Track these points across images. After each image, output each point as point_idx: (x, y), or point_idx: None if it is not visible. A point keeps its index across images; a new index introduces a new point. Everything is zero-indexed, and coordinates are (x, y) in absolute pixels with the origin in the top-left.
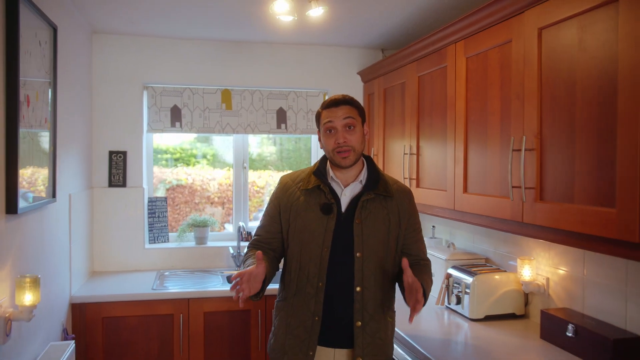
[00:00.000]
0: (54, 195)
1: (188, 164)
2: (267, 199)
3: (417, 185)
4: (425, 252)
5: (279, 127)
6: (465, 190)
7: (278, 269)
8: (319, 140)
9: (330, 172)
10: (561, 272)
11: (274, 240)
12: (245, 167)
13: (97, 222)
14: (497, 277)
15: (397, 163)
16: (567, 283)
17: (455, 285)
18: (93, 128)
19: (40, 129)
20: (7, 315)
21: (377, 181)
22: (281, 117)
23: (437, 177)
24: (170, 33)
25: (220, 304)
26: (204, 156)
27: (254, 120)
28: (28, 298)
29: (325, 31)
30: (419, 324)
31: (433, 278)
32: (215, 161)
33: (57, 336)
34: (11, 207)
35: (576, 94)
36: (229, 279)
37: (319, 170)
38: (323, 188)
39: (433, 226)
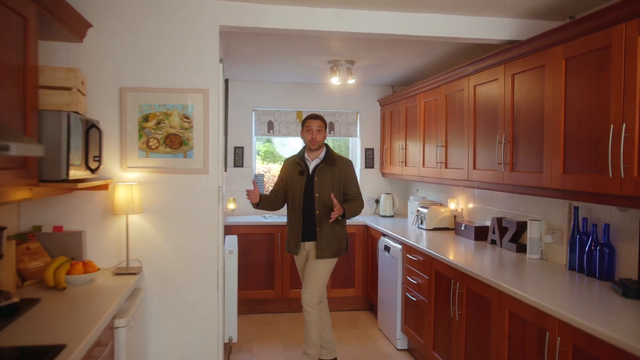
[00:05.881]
0: (225, 170)
1: None
2: None
3: (406, 165)
4: (356, 192)
5: (329, 133)
6: (423, 165)
7: (282, 206)
8: (301, 135)
9: (305, 154)
10: (470, 205)
11: (280, 190)
12: None
13: (228, 187)
14: (441, 210)
15: (395, 153)
16: (470, 209)
17: (421, 215)
18: (227, 133)
19: (224, 136)
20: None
21: (328, 157)
22: (331, 127)
23: (414, 160)
24: (268, 79)
25: None
26: (258, 152)
27: None
28: (232, 206)
29: (357, 76)
30: (405, 232)
31: (419, 213)
32: (266, 157)
33: None
34: (225, 169)
35: (455, 120)
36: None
37: (299, 153)
38: (300, 162)
39: (417, 189)
